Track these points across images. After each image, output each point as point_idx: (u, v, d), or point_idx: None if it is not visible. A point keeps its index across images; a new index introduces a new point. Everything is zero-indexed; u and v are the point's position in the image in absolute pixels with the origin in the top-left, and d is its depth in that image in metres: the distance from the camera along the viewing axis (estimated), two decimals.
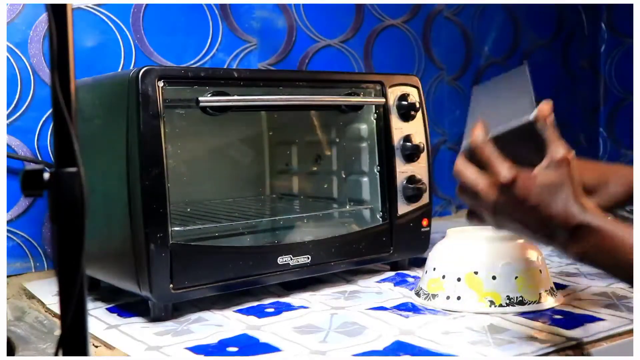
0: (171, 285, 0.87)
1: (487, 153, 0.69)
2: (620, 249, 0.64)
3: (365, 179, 1.13)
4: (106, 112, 0.94)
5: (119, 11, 1.24)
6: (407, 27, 1.61)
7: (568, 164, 0.66)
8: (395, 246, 1.09)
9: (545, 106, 0.68)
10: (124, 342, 0.81)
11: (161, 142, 0.86)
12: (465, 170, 0.71)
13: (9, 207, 1.16)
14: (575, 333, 0.80)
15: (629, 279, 0.66)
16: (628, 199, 0.83)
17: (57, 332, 0.86)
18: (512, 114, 0.73)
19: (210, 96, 0.93)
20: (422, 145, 1.10)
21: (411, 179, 1.09)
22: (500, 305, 0.88)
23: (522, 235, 0.75)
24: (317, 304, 0.94)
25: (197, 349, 0.78)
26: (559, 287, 0.96)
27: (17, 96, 1.16)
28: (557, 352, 0.76)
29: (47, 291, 1.04)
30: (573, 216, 0.65)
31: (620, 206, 0.84)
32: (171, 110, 1.04)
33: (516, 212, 0.67)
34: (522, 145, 0.69)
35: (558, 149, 0.67)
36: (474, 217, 0.74)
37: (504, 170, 0.67)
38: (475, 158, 0.70)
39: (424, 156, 1.10)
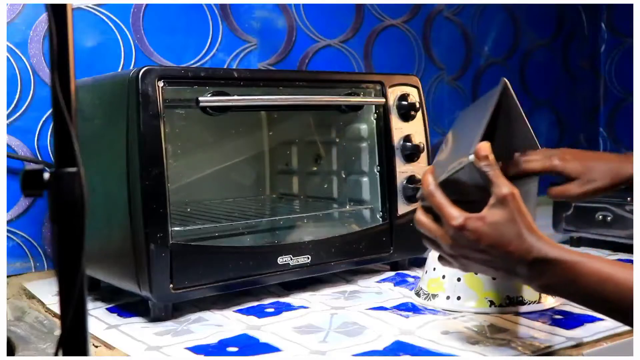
0: (171, 285, 0.87)
1: (437, 200, 0.70)
2: (582, 278, 0.65)
3: (365, 179, 1.13)
4: (106, 112, 0.94)
5: (119, 11, 1.24)
6: (407, 27, 1.61)
7: (513, 199, 0.67)
8: (395, 246, 1.09)
9: (483, 146, 0.69)
10: (124, 342, 0.81)
11: (161, 142, 0.86)
12: (422, 219, 0.73)
13: (9, 207, 1.16)
14: (575, 333, 0.80)
15: (597, 308, 0.67)
16: (611, 187, 0.84)
17: (57, 332, 0.86)
18: (459, 150, 0.74)
19: (210, 96, 0.93)
20: (422, 145, 1.10)
21: (411, 179, 1.09)
22: (500, 305, 0.88)
23: (487, 273, 0.76)
24: (317, 304, 0.94)
25: (197, 349, 0.78)
26: None
27: (17, 96, 1.16)
28: (557, 352, 0.76)
29: (47, 291, 1.04)
30: (529, 251, 0.66)
31: (602, 193, 0.84)
32: (171, 110, 1.04)
33: (474, 253, 0.69)
34: (470, 184, 0.71)
35: (501, 187, 0.67)
36: (444, 260, 0.75)
37: (453, 215, 0.68)
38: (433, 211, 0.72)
39: (424, 156, 1.10)
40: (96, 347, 0.81)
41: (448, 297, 0.91)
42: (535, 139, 0.85)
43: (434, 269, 0.94)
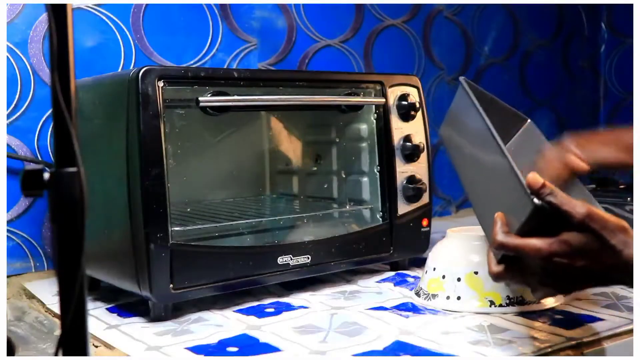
0: (171, 285, 0.87)
1: (513, 243, 0.66)
2: None
3: (365, 179, 1.13)
4: (106, 112, 0.94)
5: (119, 11, 1.24)
6: (407, 27, 1.61)
7: (592, 218, 0.63)
8: (395, 246, 1.09)
9: (532, 178, 0.65)
10: (124, 342, 0.81)
11: (161, 142, 0.86)
12: (500, 269, 0.69)
13: (9, 207, 1.16)
14: (575, 333, 0.80)
15: None
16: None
17: (57, 332, 0.86)
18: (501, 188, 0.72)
19: (210, 96, 0.93)
20: (422, 145, 1.10)
21: (411, 179, 1.09)
22: (500, 305, 0.88)
23: (591, 287, 0.73)
24: (317, 304, 0.94)
25: (197, 349, 0.78)
26: None
27: (17, 96, 1.16)
28: (557, 352, 0.76)
29: (47, 291, 1.04)
30: (628, 264, 0.62)
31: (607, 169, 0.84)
32: (171, 110, 1.04)
33: (571, 275, 0.65)
34: (545, 225, 0.66)
35: (574, 210, 0.63)
36: (542, 292, 0.70)
37: (537, 246, 0.64)
38: (509, 256, 0.68)
39: (424, 156, 1.10)
40: (96, 347, 0.81)
41: (448, 297, 0.91)
42: (518, 111, 0.85)
43: (434, 269, 0.94)
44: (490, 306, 0.88)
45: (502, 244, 0.67)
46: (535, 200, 0.64)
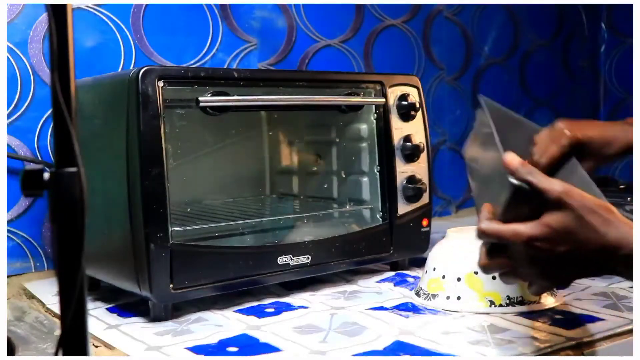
0: (171, 285, 0.87)
1: (494, 230, 0.64)
2: None
3: (365, 179, 1.13)
4: (106, 112, 0.94)
5: (119, 11, 1.24)
6: (407, 27, 1.61)
7: (569, 195, 0.61)
8: (395, 246, 1.09)
9: (509, 156, 0.63)
10: (124, 342, 0.81)
11: (161, 142, 0.86)
12: (490, 261, 0.68)
13: (9, 207, 1.16)
14: (575, 333, 0.80)
15: None
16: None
17: (57, 332, 0.86)
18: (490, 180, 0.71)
19: (210, 96, 0.93)
20: (422, 145, 1.10)
21: (411, 179, 1.09)
22: (500, 305, 0.88)
23: (586, 276, 0.69)
24: (317, 304, 0.94)
25: (197, 349, 0.78)
26: (558, 287, 0.96)
27: (17, 96, 1.16)
28: (557, 352, 0.76)
29: (47, 291, 1.04)
30: (618, 247, 0.60)
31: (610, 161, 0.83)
32: (171, 110, 1.04)
33: (559, 264, 0.63)
34: (526, 208, 0.64)
35: (550, 188, 0.61)
36: (537, 286, 0.69)
37: (518, 231, 0.62)
38: (495, 243, 0.67)
39: (424, 156, 1.10)
40: (96, 347, 0.81)
41: (448, 297, 0.91)
42: (534, 124, 0.83)
43: (434, 269, 0.94)
44: (490, 306, 0.88)
45: (483, 230, 0.65)
46: (513, 180, 0.62)
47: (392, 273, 1.11)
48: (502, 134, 0.73)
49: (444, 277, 0.92)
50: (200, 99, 0.91)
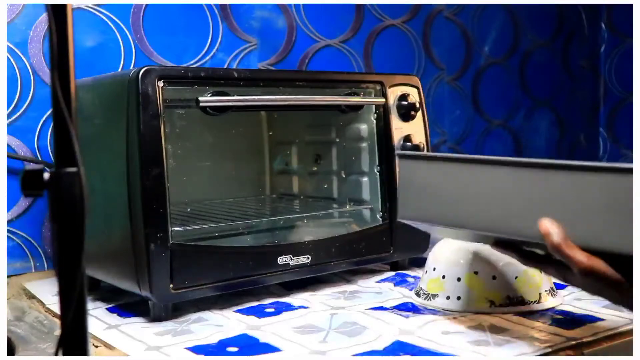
0: (171, 285, 0.87)
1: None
2: None
3: (365, 179, 1.13)
4: (106, 112, 0.94)
5: (119, 11, 1.24)
6: (407, 27, 1.61)
7: (591, 273, 0.64)
8: (395, 246, 1.09)
9: (543, 225, 0.65)
10: (124, 342, 0.81)
11: (161, 142, 0.86)
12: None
13: (9, 207, 1.16)
14: (575, 333, 0.80)
15: None
16: None
17: (57, 332, 0.86)
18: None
19: (210, 96, 0.93)
20: (422, 145, 1.10)
21: None
22: (500, 305, 0.88)
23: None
24: (317, 304, 0.94)
25: (197, 349, 0.78)
26: (559, 287, 0.96)
27: (17, 96, 1.16)
28: (557, 352, 0.76)
29: (47, 291, 1.04)
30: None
31: None
32: (171, 110, 1.04)
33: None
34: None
35: (575, 264, 0.64)
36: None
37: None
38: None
39: None
40: (96, 347, 0.81)
41: (448, 297, 0.91)
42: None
43: (434, 269, 0.94)
44: (490, 306, 0.88)
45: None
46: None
47: (392, 273, 1.11)
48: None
49: (444, 277, 0.92)
50: (200, 99, 0.90)
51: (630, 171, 0.60)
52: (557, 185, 0.65)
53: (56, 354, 0.49)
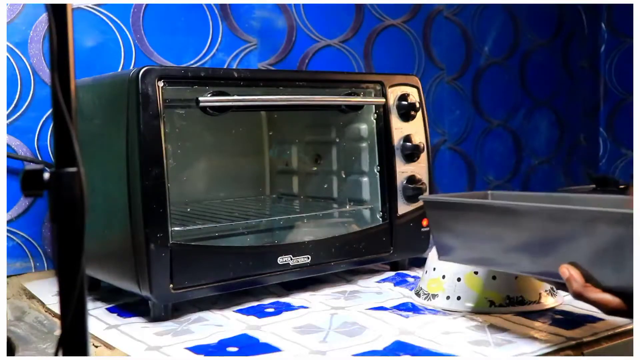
0: (171, 285, 0.87)
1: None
2: None
3: (365, 179, 1.13)
4: (106, 112, 0.94)
5: (119, 11, 1.24)
6: (407, 27, 1.61)
7: (615, 313, 0.67)
8: (395, 246, 1.09)
9: (564, 271, 0.69)
10: (124, 342, 0.81)
11: (161, 142, 0.86)
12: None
13: (9, 207, 1.16)
14: (575, 333, 0.80)
15: None
16: None
17: (57, 332, 0.86)
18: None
19: (210, 96, 0.93)
20: (422, 145, 1.10)
21: (411, 179, 1.09)
22: (500, 305, 0.88)
23: None
24: (317, 304, 0.94)
25: (197, 349, 0.78)
26: None
27: (17, 96, 1.16)
28: (557, 352, 0.76)
29: (47, 291, 1.04)
30: None
31: None
32: (171, 110, 1.04)
33: None
34: None
35: (598, 305, 0.68)
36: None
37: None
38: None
39: (424, 156, 1.10)
40: (96, 347, 0.81)
41: (448, 297, 0.91)
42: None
43: (434, 269, 0.94)
44: (490, 306, 0.88)
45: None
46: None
47: (392, 273, 1.11)
48: None
49: (444, 277, 0.92)
50: (200, 99, 0.91)
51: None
52: (574, 230, 0.69)
53: (56, 354, 0.49)
